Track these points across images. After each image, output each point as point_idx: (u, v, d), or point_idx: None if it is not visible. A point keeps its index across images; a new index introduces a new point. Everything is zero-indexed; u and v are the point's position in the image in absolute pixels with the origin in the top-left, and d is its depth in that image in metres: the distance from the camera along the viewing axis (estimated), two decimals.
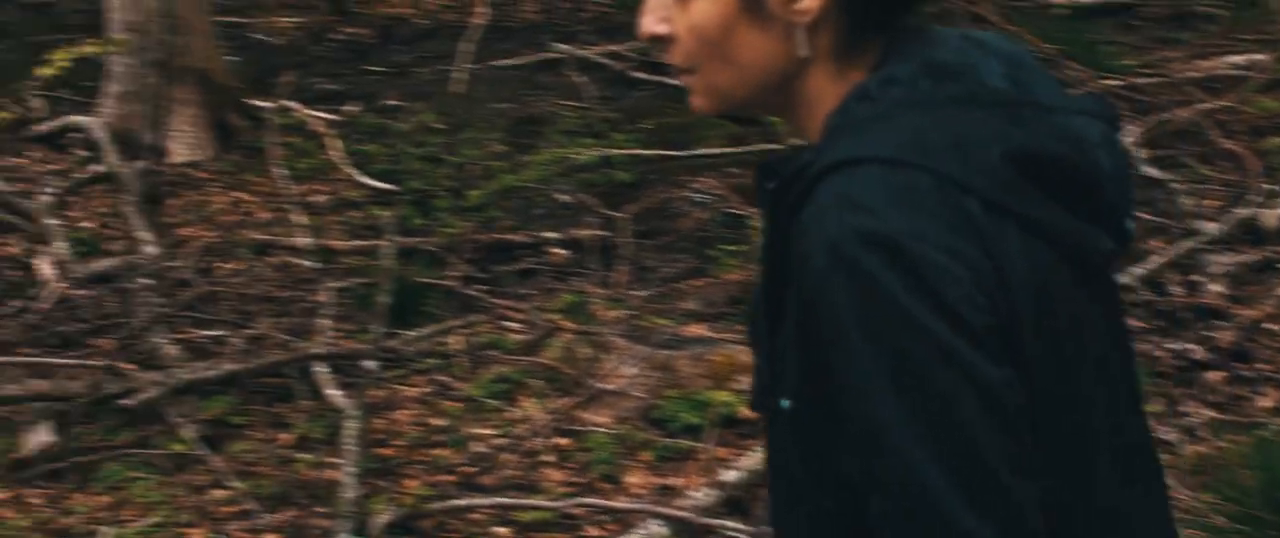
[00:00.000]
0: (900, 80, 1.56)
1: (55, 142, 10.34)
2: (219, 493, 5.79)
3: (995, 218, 1.49)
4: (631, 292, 7.40)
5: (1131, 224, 1.68)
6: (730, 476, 5.50)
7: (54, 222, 8.57)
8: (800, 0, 1.58)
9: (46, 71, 8.56)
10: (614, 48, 11.04)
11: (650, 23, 1.66)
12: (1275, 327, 6.55)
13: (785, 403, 1.59)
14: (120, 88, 10.13)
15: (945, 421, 1.44)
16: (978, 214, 1.48)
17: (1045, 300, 1.52)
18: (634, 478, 5.75)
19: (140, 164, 9.29)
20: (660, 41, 1.66)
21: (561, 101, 10.45)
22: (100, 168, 9.57)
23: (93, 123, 10.10)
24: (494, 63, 11.42)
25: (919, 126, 1.52)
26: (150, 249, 8.17)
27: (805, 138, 1.68)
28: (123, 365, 6.71)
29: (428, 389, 6.65)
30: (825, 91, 1.64)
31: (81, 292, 7.75)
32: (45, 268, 8.07)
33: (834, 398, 1.50)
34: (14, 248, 8.52)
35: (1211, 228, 7.30)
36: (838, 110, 1.59)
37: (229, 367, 6.64)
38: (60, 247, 8.24)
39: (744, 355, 5.86)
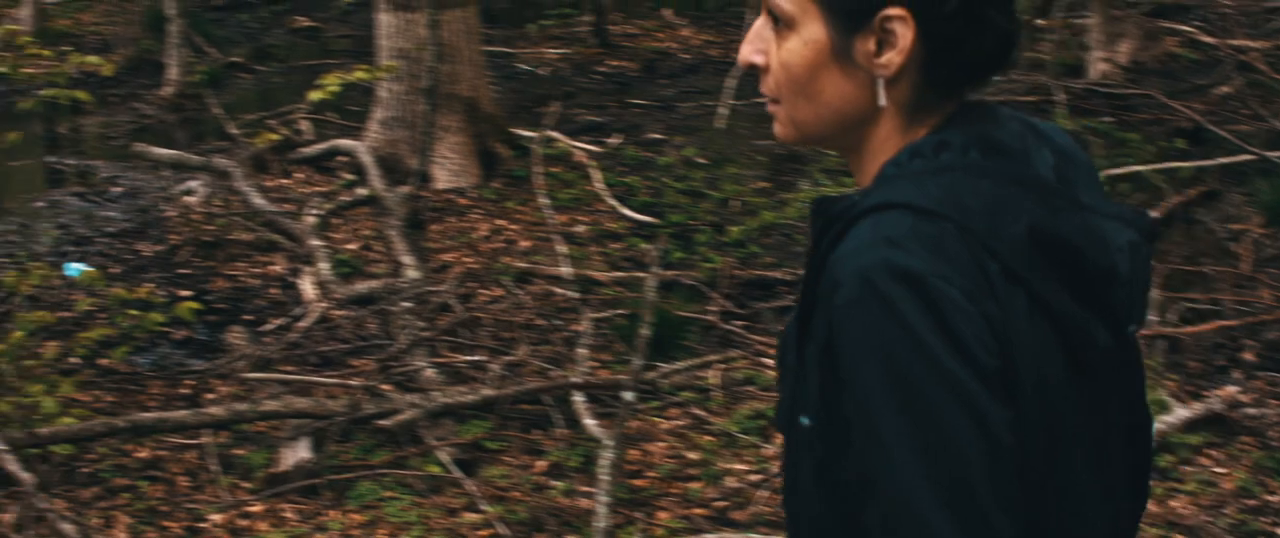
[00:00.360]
0: (952, 146, 1.68)
1: (321, 164, 10.50)
2: (471, 517, 5.72)
3: (1009, 284, 1.61)
4: None
5: (1134, 329, 1.78)
6: None
7: (318, 243, 8.64)
8: (884, 55, 1.69)
9: (316, 95, 8.65)
10: None
11: (748, 52, 1.78)
12: None
13: (805, 419, 1.69)
14: (387, 113, 10.24)
15: (943, 446, 1.55)
16: (996, 275, 1.60)
17: (1039, 373, 1.64)
18: None
19: (404, 189, 9.34)
20: (755, 71, 1.79)
21: None
22: (365, 191, 9.66)
23: (359, 147, 10.22)
24: (757, 99, 11.27)
25: (959, 188, 1.63)
26: (412, 273, 8.20)
27: (859, 180, 1.81)
28: (381, 387, 6.70)
29: (683, 422, 6.52)
30: (889, 142, 1.76)
31: (343, 312, 7.79)
32: (308, 288, 8.14)
33: (847, 415, 1.60)
34: (279, 267, 8.62)
35: None
36: (892, 161, 1.71)
37: (487, 392, 6.58)
38: (324, 267, 8.31)
39: None
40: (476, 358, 7.18)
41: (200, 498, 5.96)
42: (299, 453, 6.11)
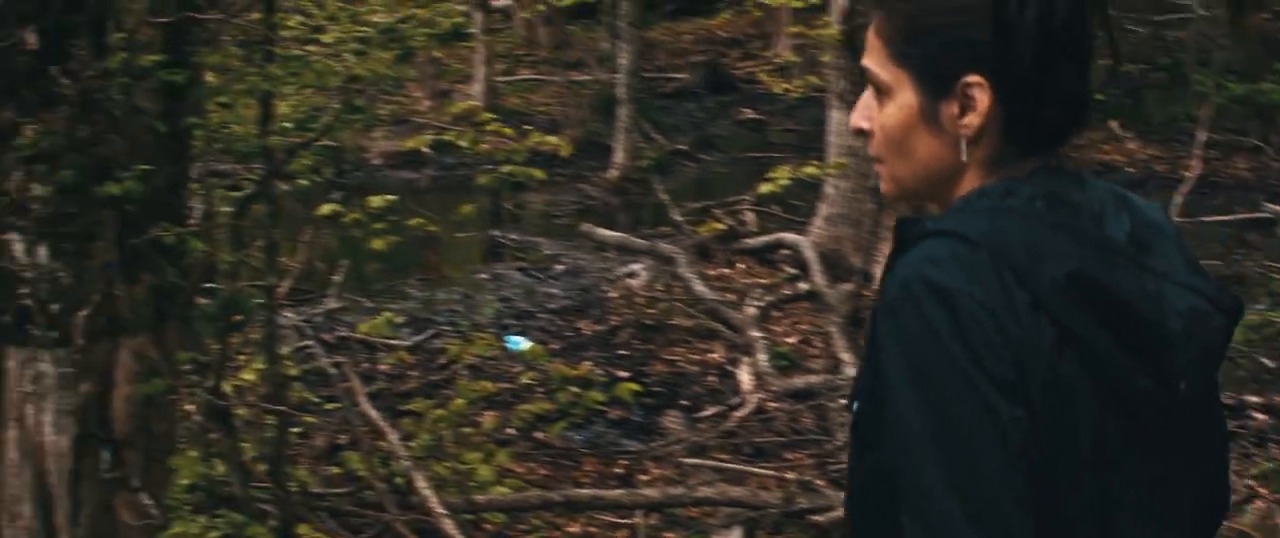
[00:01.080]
0: (1017, 194, 1.85)
1: (764, 256, 10.48)
2: None
3: (1036, 315, 1.76)
4: None
5: (1185, 387, 1.86)
6: None
7: (757, 334, 8.57)
8: (966, 117, 1.87)
9: (765, 188, 8.60)
10: None
11: (857, 118, 1.97)
12: None
13: (855, 405, 1.90)
14: (833, 210, 10.15)
15: (955, 435, 1.74)
16: (1023, 304, 1.76)
17: (1053, 400, 1.78)
18: None
19: (846, 286, 9.20)
20: (863, 135, 1.97)
21: (1270, 262, 9.70)
22: (806, 286, 9.55)
23: (802, 241, 10.13)
24: (1203, 218, 10.83)
25: (1006, 227, 1.81)
26: (851, 371, 8.00)
27: None
28: (816, 482, 6.53)
29: None
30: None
31: (779, 405, 7.67)
32: (746, 378, 8.07)
33: (883, 401, 1.80)
34: (717, 355, 8.59)
35: None
36: (964, 196, 1.90)
37: None
38: (762, 359, 8.22)
39: None
40: None
41: None
42: None
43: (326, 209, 5.63)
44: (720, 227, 10.29)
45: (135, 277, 4.75)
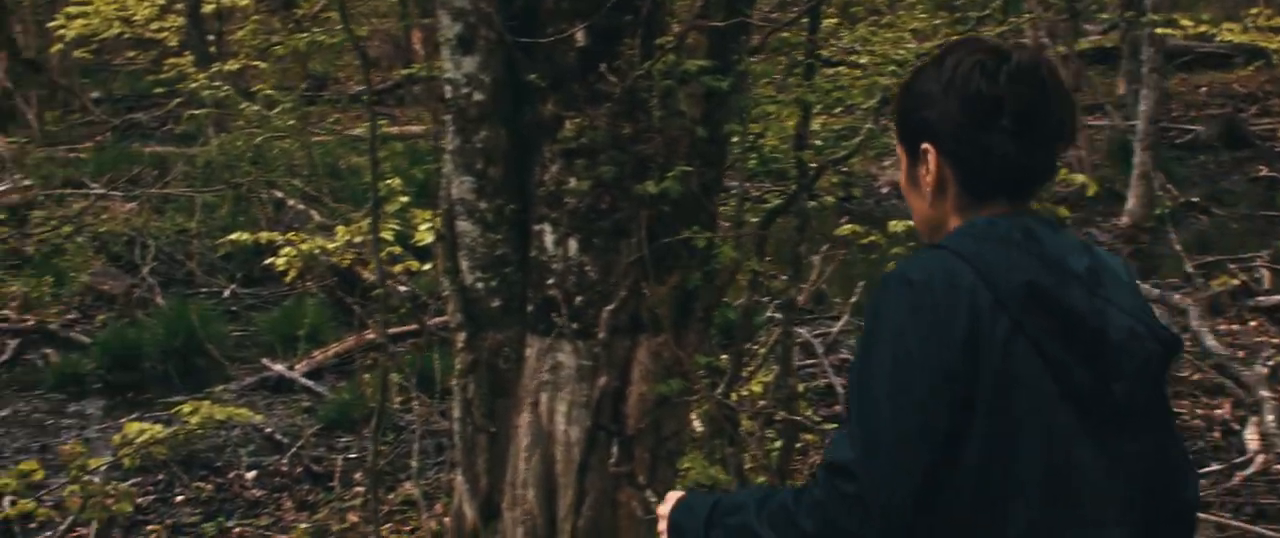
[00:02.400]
0: (999, 226, 2.39)
1: (1276, 314, 9.96)
2: None
3: (996, 312, 2.29)
4: None
5: (1120, 390, 2.37)
6: None
7: (1267, 393, 8.10)
8: (924, 176, 2.48)
9: None
10: None
11: (896, 176, 2.69)
12: None
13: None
14: None
15: (879, 394, 2.31)
16: (985, 303, 2.30)
17: (1004, 381, 2.30)
18: None
19: None
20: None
21: None
22: None
23: None
24: None
25: (985, 247, 2.35)
26: None
27: None
28: None
29: None
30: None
31: None
32: (1253, 437, 7.65)
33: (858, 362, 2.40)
34: (1223, 411, 8.19)
35: None
36: (958, 228, 2.45)
37: None
38: (1269, 419, 7.76)
39: None
40: None
41: None
42: None
43: (845, 229, 5.58)
44: (1234, 282, 9.81)
45: (662, 277, 4.80)
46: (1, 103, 17.27)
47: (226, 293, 11.70)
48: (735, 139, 5.02)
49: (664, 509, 2.64)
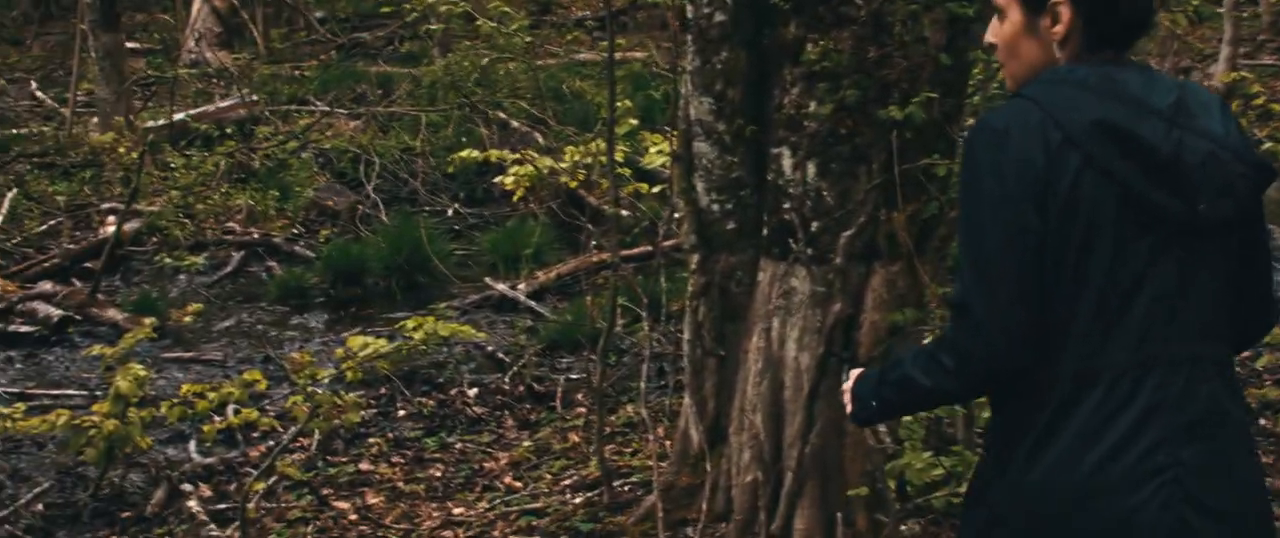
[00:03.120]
0: (1076, 72, 2.60)
1: None
2: None
3: (1066, 148, 2.50)
4: None
5: (1206, 208, 2.55)
6: None
7: None
8: (1055, 26, 2.65)
9: None
10: None
11: (988, 35, 2.80)
12: None
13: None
14: None
15: (981, 231, 2.55)
16: (1055, 142, 2.51)
17: (1077, 211, 2.51)
18: None
19: None
20: (992, 47, 2.79)
21: None
22: None
23: None
24: None
25: (1058, 91, 2.56)
26: None
27: None
28: None
29: None
30: None
31: None
32: None
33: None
34: None
35: None
36: (1042, 74, 2.67)
37: None
38: None
39: None
40: None
41: None
42: None
43: None
44: None
45: (899, 204, 4.74)
46: (228, 20, 17.64)
47: (449, 212, 11.85)
48: (978, 67, 4.91)
49: (848, 385, 2.88)
